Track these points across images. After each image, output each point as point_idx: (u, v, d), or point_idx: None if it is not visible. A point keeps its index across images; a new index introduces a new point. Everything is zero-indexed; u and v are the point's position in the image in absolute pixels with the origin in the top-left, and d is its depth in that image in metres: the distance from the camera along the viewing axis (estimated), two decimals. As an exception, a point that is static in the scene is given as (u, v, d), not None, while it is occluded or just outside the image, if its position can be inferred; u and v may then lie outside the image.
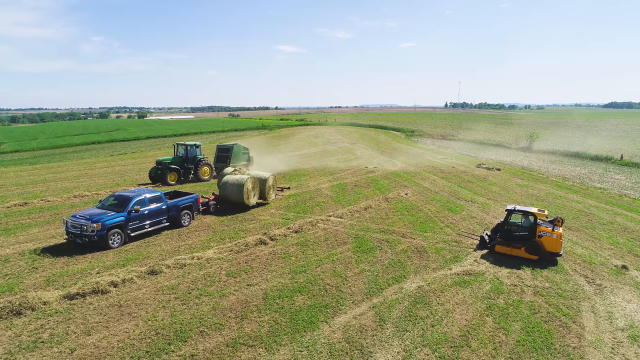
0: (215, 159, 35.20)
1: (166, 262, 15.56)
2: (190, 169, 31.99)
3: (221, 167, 32.64)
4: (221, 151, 35.34)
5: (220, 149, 35.54)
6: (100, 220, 16.55)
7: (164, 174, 30.23)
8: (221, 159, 34.59)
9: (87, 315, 11.85)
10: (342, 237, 19.02)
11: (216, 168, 34.27)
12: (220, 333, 11.13)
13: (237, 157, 34.94)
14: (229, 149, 34.87)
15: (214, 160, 35.17)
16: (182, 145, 32.29)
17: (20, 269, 14.91)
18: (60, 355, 9.98)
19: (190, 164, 32.09)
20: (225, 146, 35.66)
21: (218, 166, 34.23)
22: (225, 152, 34.97)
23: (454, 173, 37.44)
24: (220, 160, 34.61)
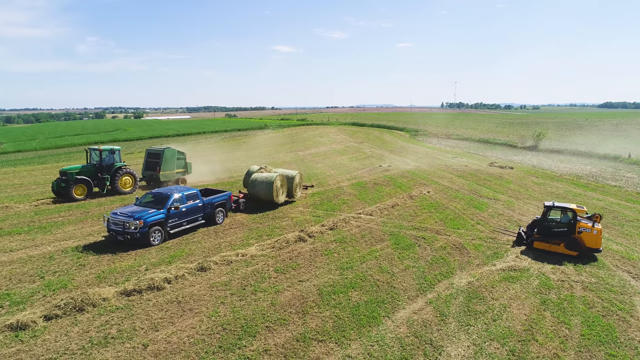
0: (143, 166, 29.67)
1: (212, 259, 15.53)
2: (106, 180, 26.20)
3: (150, 176, 28.69)
4: (150, 157, 29.36)
5: (149, 154, 29.51)
6: (142, 217, 16.52)
7: (67, 187, 24.39)
8: (150, 166, 28.94)
9: (148, 311, 11.79)
10: (377, 234, 19.05)
11: (144, 177, 29.23)
12: (287, 328, 11.12)
13: (170, 164, 29.07)
14: (159, 154, 28.66)
15: (143, 167, 29.69)
16: (95, 150, 26.52)
17: (67, 266, 14.84)
18: (134, 350, 9.93)
19: (105, 173, 26.28)
20: (154, 150, 29.46)
21: (146, 175, 29.10)
22: (154, 157, 28.97)
23: (469, 171, 37.58)
24: (149, 167, 28.99)
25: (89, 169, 25.87)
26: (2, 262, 15.02)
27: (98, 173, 26.08)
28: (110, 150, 26.76)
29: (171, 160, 29.09)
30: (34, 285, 13.26)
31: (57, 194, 25.01)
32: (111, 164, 26.67)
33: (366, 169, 38.77)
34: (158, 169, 28.27)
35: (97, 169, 26.18)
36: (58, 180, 24.95)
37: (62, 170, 25.02)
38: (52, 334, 10.58)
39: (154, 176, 28.42)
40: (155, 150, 29.40)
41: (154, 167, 28.53)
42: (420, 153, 51.92)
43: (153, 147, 30.21)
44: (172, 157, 29.21)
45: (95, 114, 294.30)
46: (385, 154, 50.82)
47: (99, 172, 26.16)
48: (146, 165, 29.23)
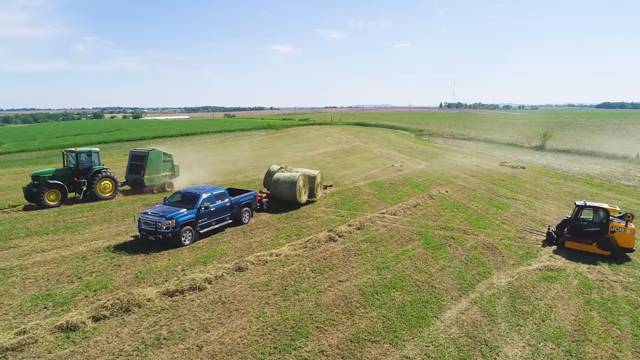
0: (127, 169, 27.90)
1: (247, 259, 15.43)
2: (82, 184, 24.28)
3: (133, 180, 27.03)
4: (134, 159, 27.56)
5: (133, 156, 27.66)
6: (173, 217, 16.41)
7: (39, 193, 22.49)
8: (134, 169, 27.20)
9: (195, 312, 11.68)
10: (406, 234, 18.98)
11: (127, 181, 27.46)
12: (337, 329, 11.02)
13: (155, 167, 27.28)
14: (143, 156, 26.81)
15: (126, 170, 27.88)
16: (71, 152, 24.69)
17: (102, 266, 14.70)
18: (189, 352, 9.82)
19: (82, 177, 24.37)
20: (138, 153, 27.64)
21: (130, 178, 27.33)
22: (138, 160, 27.20)
23: (481, 171, 37.58)
24: (133, 170, 27.23)
25: (63, 173, 23.92)
26: (37, 263, 14.84)
27: (74, 177, 24.14)
28: (87, 152, 24.94)
29: (156, 162, 27.29)
30: (73, 286, 13.10)
31: (30, 199, 22.91)
32: (89, 167, 24.73)
33: (379, 168, 38.68)
34: (142, 172, 26.53)
35: (74, 172, 24.27)
36: (30, 186, 22.81)
37: (34, 174, 22.98)
38: (102, 335, 10.41)
39: (138, 180, 26.71)
40: (139, 152, 27.65)
41: (137, 170, 26.79)
42: (428, 153, 51.88)
43: (137, 149, 28.49)
44: (158, 160, 27.38)
45: (93, 114, 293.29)
46: (394, 153, 50.76)
47: (75, 176, 24.21)
48: (130, 168, 27.47)
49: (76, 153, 24.49)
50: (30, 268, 14.39)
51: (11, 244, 16.87)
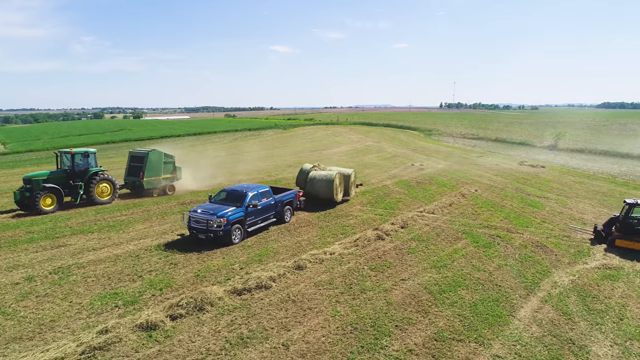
0: (126, 171, 26.09)
1: (302, 257, 15.24)
2: (79, 188, 22.43)
3: (132, 183, 25.24)
4: (133, 160, 25.73)
5: (132, 158, 25.82)
6: (224, 215, 16.20)
7: (33, 198, 20.61)
8: (133, 172, 25.42)
9: (268, 310, 11.56)
10: (450, 233, 18.85)
11: (126, 184, 25.49)
12: (417, 327, 10.90)
13: (155, 169, 25.46)
14: (143, 157, 25.04)
15: (125, 172, 26.06)
16: (66, 153, 22.85)
17: (159, 264, 14.53)
18: (276, 350, 9.67)
19: (78, 180, 22.49)
20: (137, 154, 25.79)
21: (129, 181, 25.39)
22: (137, 161, 25.37)
23: (503, 170, 37.52)
24: (132, 172, 25.46)
25: (58, 176, 21.95)
26: (92, 261, 14.67)
27: (70, 180, 22.23)
28: (84, 153, 22.98)
29: (157, 164, 25.43)
30: (136, 284, 12.93)
31: (21, 205, 20.98)
32: (85, 170, 22.79)
33: (400, 167, 38.56)
34: (141, 174, 24.76)
35: (69, 175, 22.34)
36: (21, 190, 20.89)
37: (26, 178, 20.98)
38: (184, 334, 10.23)
39: (137, 183, 24.93)
40: (138, 153, 25.80)
41: (137, 173, 25.01)
42: (443, 152, 51.77)
43: (136, 150, 26.83)
44: (158, 161, 25.50)
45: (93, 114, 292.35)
46: (409, 153, 50.66)
47: (70, 178, 22.29)
48: (129, 170, 25.69)
49: (71, 154, 22.54)
50: (87, 266, 14.19)
51: (60, 242, 16.67)
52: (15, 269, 13.86)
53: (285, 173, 34.37)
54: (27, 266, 14.16)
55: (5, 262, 14.51)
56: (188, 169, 29.97)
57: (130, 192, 26.04)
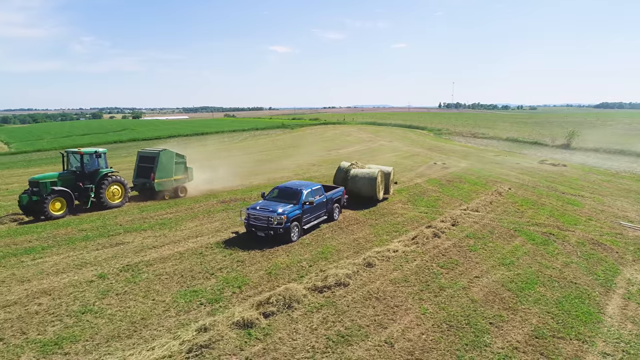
0: (135, 173, 24.33)
1: (367, 254, 15.10)
2: (89, 190, 20.91)
3: (142, 185, 23.60)
4: (142, 161, 24.03)
5: (142, 158, 24.14)
6: (285, 212, 16.01)
7: (41, 202, 19.02)
8: (143, 173, 23.76)
9: (355, 307, 11.46)
10: (502, 230, 18.79)
11: (135, 186, 23.82)
12: (511, 325, 10.80)
13: (166, 170, 23.85)
14: (153, 157, 23.40)
15: (134, 174, 24.30)
16: (74, 153, 21.29)
17: (226, 262, 14.42)
18: (382, 348, 9.55)
19: (88, 182, 20.93)
20: (147, 154, 24.16)
21: (138, 183, 23.76)
22: (147, 162, 23.72)
23: (526, 169, 37.56)
24: (142, 174, 23.78)
25: (67, 178, 20.35)
26: (157, 259, 14.50)
27: (79, 182, 20.57)
28: (93, 153, 21.35)
29: (168, 165, 23.76)
30: (211, 282, 12.76)
31: (26, 210, 19.41)
32: (95, 171, 21.17)
33: (423, 166, 38.48)
34: (152, 175, 23.12)
35: (78, 176, 20.69)
36: (28, 193, 19.31)
37: (33, 180, 19.40)
38: (281, 331, 10.08)
39: (147, 184, 23.33)
40: (148, 153, 24.18)
41: (147, 174, 23.34)
42: (459, 151, 51.72)
43: (146, 150, 25.24)
44: (170, 162, 23.84)
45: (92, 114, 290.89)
46: (426, 152, 50.59)
47: (79, 180, 20.60)
48: (138, 172, 23.96)
49: (80, 154, 20.86)
50: (155, 264, 13.99)
51: (116, 240, 16.48)
52: (84, 267, 13.65)
53: (311, 172, 34.24)
54: (94, 264, 13.93)
55: (71, 259, 14.28)
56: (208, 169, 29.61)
57: (138, 195, 24.38)
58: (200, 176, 27.71)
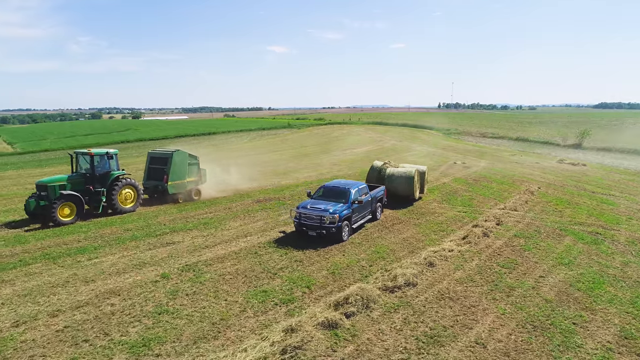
0: (145, 175, 23.08)
1: (423, 254, 14.89)
2: (100, 194, 19.49)
3: (154, 188, 22.50)
4: (154, 162, 22.87)
5: (153, 159, 23.01)
6: (337, 211, 15.80)
7: (50, 207, 17.70)
8: (154, 175, 22.57)
9: (432, 307, 11.31)
10: (548, 230, 18.69)
11: (146, 189, 22.48)
12: (594, 325, 10.68)
13: (180, 171, 22.61)
14: (166, 158, 22.24)
15: (144, 176, 23.13)
16: (84, 154, 19.76)
17: (284, 262, 14.29)
18: (475, 349, 9.40)
19: (99, 185, 19.56)
20: (159, 155, 23.00)
21: (149, 186, 22.63)
22: (159, 163, 22.52)
23: (548, 168, 37.53)
24: (153, 176, 22.59)
25: (77, 181, 18.97)
26: (214, 259, 14.38)
27: (89, 185, 19.22)
28: (104, 154, 19.91)
29: (181, 166, 22.53)
30: (277, 282, 12.58)
31: (33, 215, 18.22)
32: (106, 173, 19.76)
33: (444, 166, 38.35)
34: (165, 177, 21.86)
35: (88, 179, 19.28)
36: (35, 197, 18.06)
37: (40, 183, 18.15)
38: (367, 332, 9.98)
39: (160, 187, 22.12)
40: (160, 154, 22.96)
41: (159, 176, 22.12)
42: (474, 151, 51.61)
43: (157, 150, 24.06)
44: (183, 163, 22.64)
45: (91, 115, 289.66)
46: (441, 151, 50.48)
47: (90, 183, 19.23)
48: (149, 174, 22.75)
49: (90, 155, 19.35)
50: (213, 264, 13.80)
51: (165, 239, 16.29)
52: (143, 267, 13.45)
53: (334, 171, 34.07)
54: (153, 264, 13.73)
55: (127, 259, 14.07)
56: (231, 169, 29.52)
57: (149, 198, 22.90)
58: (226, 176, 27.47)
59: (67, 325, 9.87)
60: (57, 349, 8.94)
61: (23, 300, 11.09)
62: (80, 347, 9.02)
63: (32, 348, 8.90)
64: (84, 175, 19.36)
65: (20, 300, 11.08)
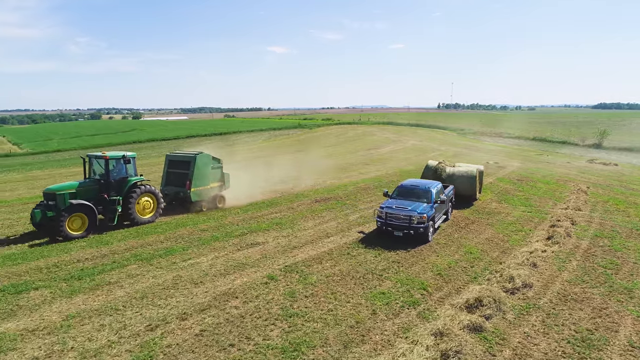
0: (164, 180, 20.70)
1: (516, 254, 14.67)
2: (116, 203, 17.09)
3: (174, 194, 20.18)
4: (173, 165, 20.54)
5: (171, 162, 20.64)
6: (424, 211, 15.47)
7: (57, 218, 15.43)
8: (174, 180, 20.20)
9: (563, 310, 10.99)
10: (624, 230, 18.52)
11: (166, 196, 20.02)
12: None
13: (203, 176, 20.18)
14: (188, 162, 19.90)
15: (163, 181, 20.75)
16: (98, 158, 17.35)
17: (383, 264, 14.00)
18: (635, 352, 8.92)
19: (115, 192, 17.22)
20: (180, 157, 20.59)
21: (169, 192, 20.21)
22: (180, 167, 20.16)
23: (582, 168, 37.46)
24: (173, 181, 20.28)
25: (89, 188, 16.68)
26: (308, 260, 14.08)
27: (104, 193, 16.97)
28: (121, 157, 17.35)
29: (204, 170, 20.12)
30: (388, 284, 12.46)
31: (39, 227, 16.16)
32: (123, 179, 17.47)
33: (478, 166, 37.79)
34: (188, 183, 19.51)
35: (102, 186, 16.97)
36: (42, 207, 15.84)
37: (48, 191, 15.90)
38: (514, 335, 9.72)
39: (181, 194, 19.80)
40: (181, 157, 20.53)
41: (180, 182, 19.79)
42: (499, 151, 51.35)
43: (176, 153, 21.70)
44: (206, 167, 20.21)
45: (90, 115, 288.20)
46: (466, 151, 50.20)
47: (104, 191, 16.94)
48: (168, 179, 20.45)
49: (105, 159, 16.90)
50: (312, 265, 13.53)
51: (249, 240, 16.07)
52: (244, 268, 13.16)
53: (373, 171, 33.71)
54: (252, 265, 13.39)
55: (222, 260, 13.80)
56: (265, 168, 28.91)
57: (166, 207, 19.89)
58: (269, 174, 27.67)
59: (202, 329, 9.46)
60: (207, 353, 8.56)
61: (142, 302, 10.68)
62: (229, 351, 8.65)
63: (182, 353, 8.49)
64: (98, 181, 17.01)
65: (139, 302, 10.68)
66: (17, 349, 8.51)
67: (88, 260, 13.63)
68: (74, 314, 10.06)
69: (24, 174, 36.32)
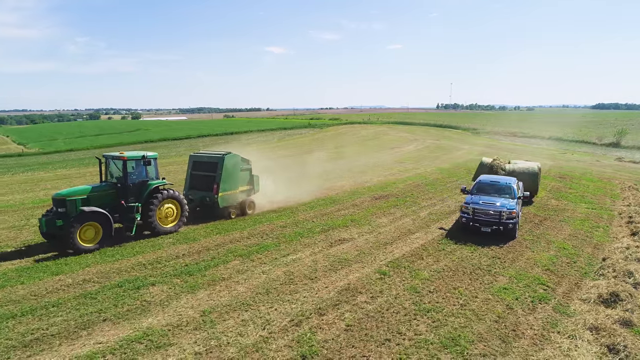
0: (187, 184, 18.69)
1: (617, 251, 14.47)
2: (134, 210, 14.96)
3: (200, 200, 18.01)
4: (197, 167, 18.51)
5: (196, 164, 18.56)
6: (513, 207, 15.31)
7: (67, 227, 13.37)
8: (199, 184, 18.21)
9: None
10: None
11: (191, 201, 17.80)
12: None
13: (233, 179, 18.14)
14: (215, 163, 17.81)
15: (186, 185, 18.72)
16: (115, 159, 15.29)
17: (483, 259, 13.91)
18: None
19: (133, 198, 15.16)
20: (206, 158, 18.50)
21: (194, 197, 18.03)
22: (206, 169, 18.12)
23: (615, 166, 37.65)
24: (198, 185, 18.25)
25: (104, 193, 14.74)
26: (405, 256, 13.86)
27: (121, 199, 14.90)
28: (141, 158, 15.28)
29: (234, 173, 18.03)
30: (504, 280, 12.28)
31: (49, 237, 14.15)
32: (142, 183, 15.37)
33: (511, 164, 37.65)
34: (215, 187, 17.42)
35: (119, 191, 15.00)
36: (50, 215, 14.01)
37: (58, 197, 13.92)
38: None
39: (207, 199, 17.70)
40: (207, 157, 18.36)
41: (206, 186, 17.74)
42: (521, 150, 51.28)
43: (201, 153, 19.49)
44: (235, 169, 18.10)
45: (89, 115, 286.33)
46: (488, 150, 49.89)
47: (122, 196, 14.91)
48: (191, 182, 18.41)
49: (123, 160, 14.79)
50: (414, 261, 13.45)
51: (334, 236, 15.99)
52: (348, 264, 13.05)
53: (410, 170, 33.44)
54: (355, 261, 13.24)
55: (322, 256, 13.71)
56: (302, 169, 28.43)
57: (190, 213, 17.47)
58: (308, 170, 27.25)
59: (347, 324, 9.21)
60: (368, 348, 8.37)
61: (269, 297, 10.46)
62: (389, 346, 8.46)
63: (343, 348, 8.26)
64: (114, 185, 15.05)
65: (267, 297, 10.46)
66: (174, 344, 8.22)
67: (185, 257, 13.29)
68: (208, 309, 9.75)
69: (54, 173, 35.62)
